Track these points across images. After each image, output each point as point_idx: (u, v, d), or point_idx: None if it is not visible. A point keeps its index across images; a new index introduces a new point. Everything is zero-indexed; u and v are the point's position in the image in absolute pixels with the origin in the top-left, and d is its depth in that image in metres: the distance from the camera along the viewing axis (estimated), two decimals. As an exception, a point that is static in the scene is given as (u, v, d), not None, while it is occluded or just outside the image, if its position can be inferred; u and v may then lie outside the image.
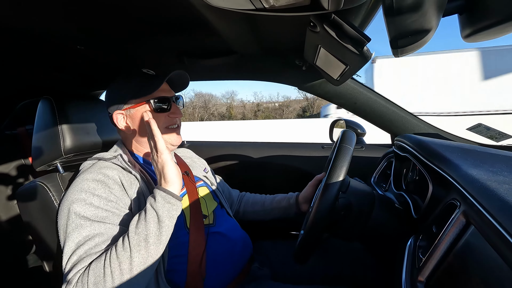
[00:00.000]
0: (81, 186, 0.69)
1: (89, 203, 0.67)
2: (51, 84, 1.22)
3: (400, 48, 0.48)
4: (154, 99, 0.82)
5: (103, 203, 0.68)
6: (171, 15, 0.67)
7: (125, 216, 0.71)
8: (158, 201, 0.66)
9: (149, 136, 0.75)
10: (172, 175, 0.70)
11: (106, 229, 0.66)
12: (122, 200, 0.72)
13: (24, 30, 0.68)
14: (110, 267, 0.59)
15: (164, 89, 0.85)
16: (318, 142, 1.56)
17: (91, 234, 0.64)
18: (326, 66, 0.80)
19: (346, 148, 0.69)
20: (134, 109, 0.82)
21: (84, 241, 0.63)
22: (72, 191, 0.69)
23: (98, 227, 0.65)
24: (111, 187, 0.71)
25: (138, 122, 0.82)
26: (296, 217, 1.06)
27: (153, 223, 0.64)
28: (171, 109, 0.85)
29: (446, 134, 1.13)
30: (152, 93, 0.82)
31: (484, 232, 0.41)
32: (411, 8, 0.39)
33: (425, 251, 0.54)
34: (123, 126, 0.83)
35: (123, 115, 0.83)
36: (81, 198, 0.67)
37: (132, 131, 0.84)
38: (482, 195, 0.45)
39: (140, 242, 0.62)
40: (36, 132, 0.91)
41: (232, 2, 0.44)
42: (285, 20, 0.71)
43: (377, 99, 1.13)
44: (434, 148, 0.73)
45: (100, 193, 0.69)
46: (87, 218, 0.65)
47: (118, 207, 0.70)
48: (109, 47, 0.87)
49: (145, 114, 0.78)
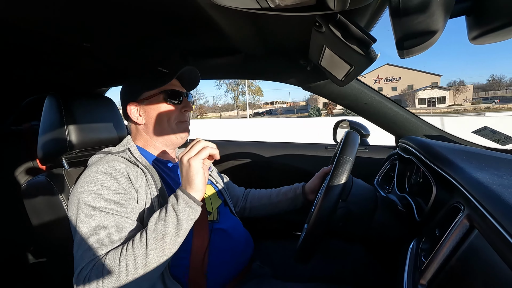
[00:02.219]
0: (90, 177, 0.71)
1: (99, 194, 0.69)
2: (57, 80, 1.23)
3: (406, 50, 0.47)
4: (168, 90, 0.85)
5: (112, 195, 0.70)
6: (177, 14, 0.67)
7: (133, 208, 0.72)
8: (180, 203, 0.67)
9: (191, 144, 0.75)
10: (199, 184, 0.70)
11: (115, 220, 0.67)
12: (130, 192, 0.74)
13: (31, 27, 0.69)
14: (126, 260, 0.61)
15: (176, 84, 0.89)
16: (322, 142, 1.56)
17: (101, 224, 0.66)
18: (331, 66, 0.80)
19: (347, 160, 0.69)
20: (148, 101, 0.85)
21: (94, 231, 0.65)
22: (82, 182, 0.71)
23: (107, 218, 0.67)
24: (119, 180, 0.73)
25: (151, 114, 0.85)
26: (302, 208, 1.06)
27: (172, 225, 0.65)
28: (182, 103, 0.88)
29: (451, 137, 1.12)
30: (165, 85, 0.85)
31: (488, 236, 0.41)
32: (418, 9, 0.39)
33: (428, 254, 0.53)
34: (135, 118, 0.86)
35: (136, 108, 0.86)
36: (90, 189, 0.69)
37: (144, 124, 0.87)
38: (486, 199, 0.44)
39: (157, 240, 0.63)
40: (42, 128, 0.92)
41: (238, 1, 0.44)
42: (291, 20, 0.71)
43: (381, 100, 1.12)
44: (438, 151, 0.72)
45: (108, 185, 0.71)
46: (97, 208, 0.67)
47: (126, 199, 0.72)
48: (115, 45, 0.87)
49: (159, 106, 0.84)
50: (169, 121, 0.86)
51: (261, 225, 1.36)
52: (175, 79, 0.88)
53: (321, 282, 0.87)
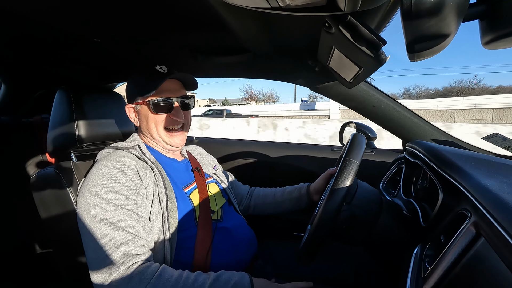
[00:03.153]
0: (102, 172, 0.72)
1: (111, 189, 0.69)
2: (68, 74, 1.25)
3: (417, 53, 0.47)
4: (155, 100, 0.82)
5: (124, 190, 0.70)
6: (187, 11, 0.67)
7: (143, 205, 0.73)
8: None
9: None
10: None
11: (128, 216, 0.68)
12: (140, 189, 0.75)
13: (42, 21, 0.70)
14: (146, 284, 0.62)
15: (170, 88, 0.85)
16: (328, 144, 1.55)
17: (116, 219, 0.66)
18: (340, 68, 0.79)
19: (352, 163, 0.69)
20: (140, 106, 0.85)
21: (109, 224, 0.65)
22: (94, 176, 0.71)
23: (121, 213, 0.67)
24: (130, 176, 0.74)
25: (142, 119, 0.87)
26: (306, 209, 1.06)
27: None
28: (172, 111, 0.85)
29: (460, 143, 1.10)
30: (153, 93, 0.81)
31: (494, 244, 0.40)
32: (430, 11, 0.38)
33: (432, 260, 0.53)
34: (132, 119, 0.88)
35: (133, 109, 0.87)
36: (103, 183, 0.69)
37: (140, 126, 0.89)
38: (494, 206, 0.43)
39: None
40: (52, 121, 0.94)
41: (248, 0, 0.44)
42: (300, 20, 0.71)
43: (389, 103, 1.11)
44: (446, 156, 0.71)
45: (121, 180, 0.71)
46: (111, 202, 0.68)
47: (138, 195, 0.73)
48: (125, 41, 0.88)
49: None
50: (157, 129, 0.86)
51: (266, 224, 1.36)
52: (174, 80, 0.87)
53: (323, 284, 0.87)
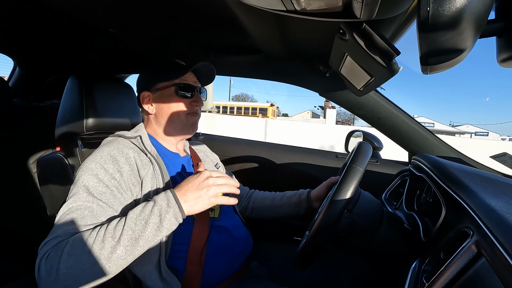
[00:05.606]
0: (95, 156, 0.73)
1: (95, 174, 0.69)
2: (81, 62, 1.27)
3: (430, 66, 0.46)
4: (180, 84, 0.86)
5: (106, 178, 0.70)
6: (202, 10, 0.68)
7: (120, 199, 0.71)
8: (168, 212, 0.64)
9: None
10: (197, 207, 0.68)
11: (98, 206, 0.66)
12: (128, 181, 0.73)
13: (59, 8, 0.71)
14: (92, 246, 0.58)
15: (190, 78, 0.89)
16: (333, 151, 1.54)
17: (84, 205, 0.65)
18: (351, 75, 0.79)
19: (357, 170, 0.68)
20: (160, 92, 0.86)
21: (75, 209, 0.64)
22: (88, 159, 0.74)
23: (92, 201, 0.66)
24: (121, 166, 0.73)
25: (162, 104, 0.87)
26: (305, 215, 1.05)
27: (152, 229, 0.62)
28: (194, 97, 0.89)
29: (468, 160, 1.09)
30: (179, 78, 0.86)
31: (495, 266, 0.40)
32: (448, 25, 0.38)
33: (430, 276, 0.52)
34: (147, 107, 0.88)
35: (149, 96, 0.87)
36: (90, 167, 0.70)
37: (154, 114, 0.88)
38: (498, 227, 0.43)
39: (131, 239, 0.60)
40: (62, 107, 0.95)
41: (264, 1, 0.44)
42: (315, 25, 0.71)
43: (398, 115, 1.10)
44: (452, 172, 0.70)
45: (108, 167, 0.71)
46: (86, 188, 0.67)
47: (119, 187, 0.71)
48: (140, 34, 0.89)
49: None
50: (178, 113, 0.87)
51: (264, 227, 1.36)
52: (191, 72, 0.89)
53: None
